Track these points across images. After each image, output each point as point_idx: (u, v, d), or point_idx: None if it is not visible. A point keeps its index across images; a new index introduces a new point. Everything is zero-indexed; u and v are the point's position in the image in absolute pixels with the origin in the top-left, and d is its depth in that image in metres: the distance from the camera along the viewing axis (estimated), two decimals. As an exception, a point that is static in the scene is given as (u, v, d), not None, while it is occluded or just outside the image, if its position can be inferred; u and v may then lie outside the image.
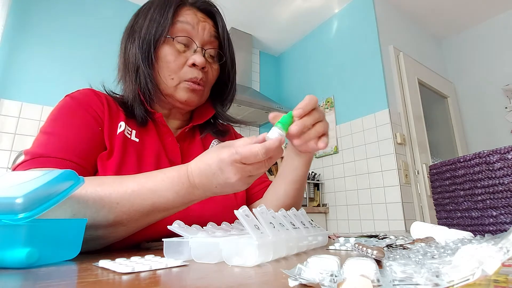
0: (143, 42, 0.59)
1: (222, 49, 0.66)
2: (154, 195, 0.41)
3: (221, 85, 0.72)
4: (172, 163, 0.61)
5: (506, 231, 0.42)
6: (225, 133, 0.77)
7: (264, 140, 0.38)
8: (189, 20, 0.61)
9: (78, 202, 0.39)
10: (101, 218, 0.40)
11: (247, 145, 0.37)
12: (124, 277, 0.24)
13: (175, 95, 0.61)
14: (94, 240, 0.42)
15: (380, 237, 0.54)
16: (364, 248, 0.31)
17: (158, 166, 0.59)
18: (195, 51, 0.61)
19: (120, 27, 0.67)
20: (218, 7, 0.67)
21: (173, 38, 0.60)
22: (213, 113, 0.71)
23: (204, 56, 0.61)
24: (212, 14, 0.66)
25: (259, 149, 0.36)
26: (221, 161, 0.37)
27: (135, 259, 0.30)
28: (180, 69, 0.60)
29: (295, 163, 0.58)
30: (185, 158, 0.65)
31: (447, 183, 0.56)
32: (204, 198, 0.44)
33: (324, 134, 0.47)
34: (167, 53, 0.60)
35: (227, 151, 0.37)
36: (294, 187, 0.61)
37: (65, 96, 0.57)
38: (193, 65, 0.60)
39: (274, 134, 0.39)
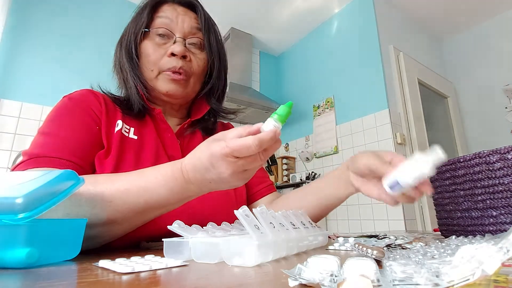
0: (127, 42, 0.62)
1: (207, 38, 0.65)
2: (146, 192, 0.40)
3: (214, 79, 0.71)
4: (171, 160, 0.61)
5: (506, 231, 0.42)
6: (226, 130, 0.76)
7: (258, 131, 0.36)
8: (169, 15, 0.62)
9: (71, 201, 0.38)
10: (95, 217, 0.39)
11: (239, 138, 0.35)
12: (124, 277, 0.24)
13: (157, 86, 0.62)
14: (91, 239, 0.42)
15: (380, 237, 0.54)
16: (364, 248, 0.31)
17: (157, 163, 0.58)
18: (174, 42, 0.61)
19: (120, 28, 0.67)
20: (198, 0, 0.67)
21: (149, 30, 0.61)
22: (208, 108, 0.71)
23: (185, 46, 0.62)
24: (192, 6, 0.66)
25: (252, 141, 0.33)
26: (212, 155, 0.35)
27: (135, 259, 0.30)
28: (159, 60, 0.61)
29: (341, 193, 0.60)
30: (185, 154, 0.64)
31: (447, 183, 0.56)
32: (201, 194, 0.43)
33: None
34: (147, 47, 0.61)
35: (217, 145, 0.35)
36: (327, 210, 0.64)
37: (63, 97, 0.57)
38: (172, 54, 0.60)
39: (269, 125, 0.36)
